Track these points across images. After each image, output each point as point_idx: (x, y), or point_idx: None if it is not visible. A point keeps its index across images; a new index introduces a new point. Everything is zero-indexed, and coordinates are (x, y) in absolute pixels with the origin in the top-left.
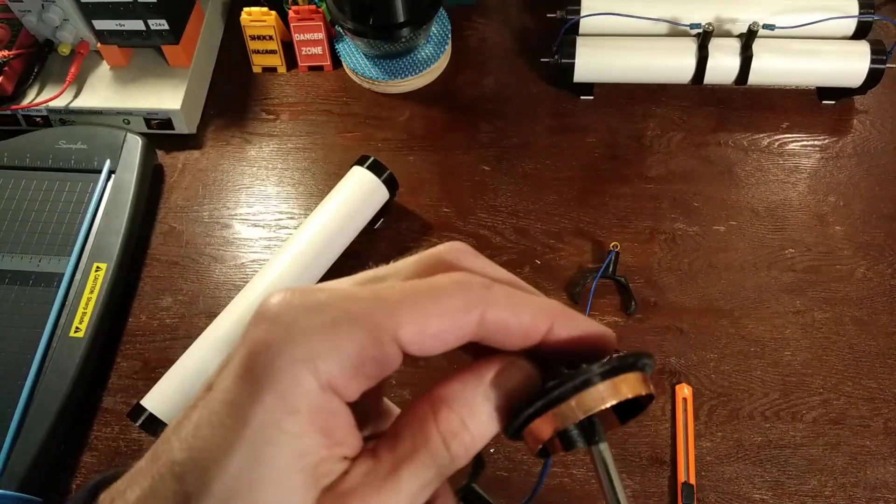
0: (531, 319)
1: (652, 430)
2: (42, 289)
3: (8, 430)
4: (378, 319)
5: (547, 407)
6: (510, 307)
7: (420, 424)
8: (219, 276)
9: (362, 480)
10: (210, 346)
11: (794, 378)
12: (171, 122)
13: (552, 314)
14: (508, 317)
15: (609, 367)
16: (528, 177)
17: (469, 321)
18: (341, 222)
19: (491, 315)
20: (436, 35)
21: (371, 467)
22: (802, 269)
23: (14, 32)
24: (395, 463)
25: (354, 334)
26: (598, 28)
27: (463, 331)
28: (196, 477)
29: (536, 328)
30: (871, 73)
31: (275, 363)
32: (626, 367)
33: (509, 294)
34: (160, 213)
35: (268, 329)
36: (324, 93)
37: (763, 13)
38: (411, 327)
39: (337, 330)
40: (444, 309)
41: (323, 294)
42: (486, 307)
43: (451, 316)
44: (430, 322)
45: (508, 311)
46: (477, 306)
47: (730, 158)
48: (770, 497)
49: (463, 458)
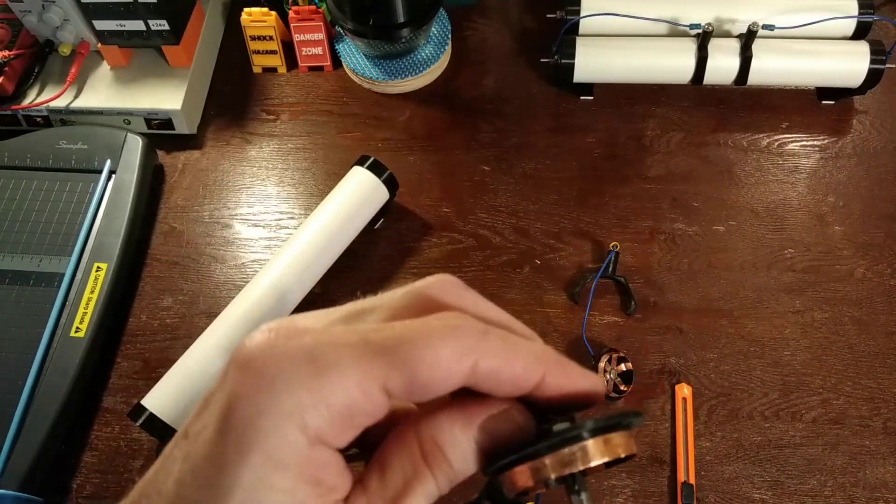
0: (523, 370)
1: (652, 430)
2: (43, 289)
3: (8, 429)
4: (366, 368)
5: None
6: (504, 357)
7: (410, 460)
8: (219, 276)
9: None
10: (210, 346)
11: (793, 378)
12: (172, 123)
13: (545, 365)
14: (502, 366)
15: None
16: (528, 177)
17: (461, 370)
18: (341, 222)
19: (484, 364)
20: (436, 35)
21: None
22: (802, 269)
23: (14, 33)
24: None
25: (343, 385)
26: (598, 28)
27: (453, 380)
28: None
29: (528, 379)
30: (870, 73)
31: (259, 420)
32: (613, 426)
33: (504, 342)
34: (161, 213)
35: (250, 380)
36: (324, 93)
37: (763, 13)
38: (400, 377)
39: (324, 381)
40: (436, 358)
41: (308, 338)
42: (480, 356)
43: (444, 365)
44: (421, 372)
45: (502, 361)
46: (470, 355)
47: (729, 158)
48: (770, 497)
49: (447, 489)
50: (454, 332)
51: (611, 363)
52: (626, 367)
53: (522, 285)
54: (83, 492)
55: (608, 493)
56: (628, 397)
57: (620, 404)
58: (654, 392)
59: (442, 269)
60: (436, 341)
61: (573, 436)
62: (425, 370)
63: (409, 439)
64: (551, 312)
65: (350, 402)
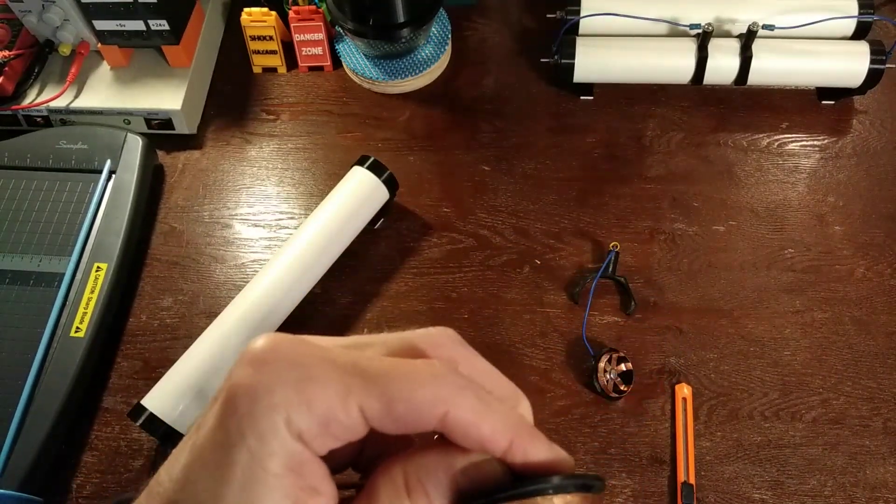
0: (490, 433)
1: (652, 430)
2: (43, 289)
3: (8, 429)
4: (349, 387)
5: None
6: (475, 415)
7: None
8: (219, 276)
9: None
10: (210, 345)
11: (793, 378)
12: (172, 123)
13: (514, 432)
14: (470, 423)
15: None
16: (528, 177)
17: (433, 415)
18: (341, 222)
19: (454, 416)
20: (436, 35)
21: None
22: (802, 269)
23: (14, 33)
24: None
25: (326, 394)
26: (598, 28)
27: (424, 421)
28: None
29: (496, 441)
30: (870, 73)
31: (254, 408)
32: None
33: (478, 401)
34: (161, 213)
35: (251, 374)
36: (324, 93)
37: (763, 13)
38: (378, 405)
39: (312, 387)
40: (412, 396)
41: (307, 349)
42: (453, 407)
43: (417, 405)
44: (397, 406)
45: (472, 418)
46: (444, 404)
47: (729, 158)
48: (770, 497)
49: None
50: (434, 379)
51: (611, 363)
52: (626, 367)
53: (522, 285)
54: (83, 492)
55: (608, 494)
56: (628, 397)
57: (620, 404)
58: (654, 392)
59: (442, 269)
60: (415, 383)
61: (536, 489)
62: (400, 406)
63: (396, 473)
64: (551, 312)
65: (329, 410)
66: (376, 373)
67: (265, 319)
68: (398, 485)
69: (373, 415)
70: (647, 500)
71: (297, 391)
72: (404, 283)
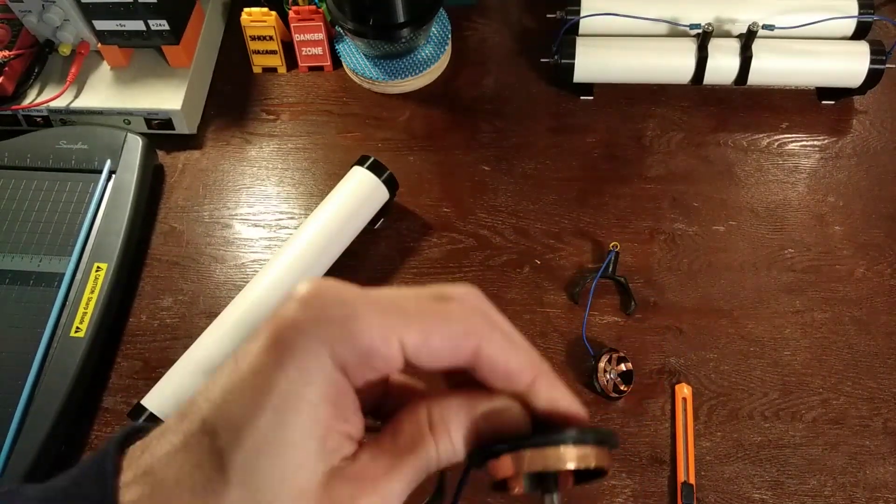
0: (518, 366)
1: (652, 430)
2: (43, 289)
3: (8, 429)
4: (391, 323)
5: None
6: (503, 350)
7: (418, 429)
8: (219, 276)
9: (369, 466)
10: (210, 345)
11: (793, 378)
12: (172, 123)
13: (538, 369)
14: (500, 356)
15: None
16: (528, 177)
17: (466, 348)
18: (341, 222)
19: (486, 350)
20: (436, 35)
21: (375, 456)
22: (802, 269)
23: (14, 32)
24: (396, 456)
25: (370, 329)
26: (598, 28)
27: (459, 355)
28: (228, 433)
29: (521, 375)
30: (870, 73)
31: (298, 341)
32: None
33: (507, 338)
34: (161, 213)
35: (297, 310)
36: (324, 93)
37: (763, 13)
38: (416, 337)
39: (356, 323)
40: (448, 331)
41: (350, 292)
42: (484, 341)
43: (452, 338)
44: (434, 338)
45: (501, 352)
46: (476, 338)
47: (729, 158)
48: (770, 497)
49: (444, 463)
50: (467, 317)
51: (611, 363)
52: (626, 367)
53: (522, 285)
54: None
55: (608, 494)
56: (628, 397)
57: (620, 404)
58: (654, 392)
59: (442, 269)
60: (452, 319)
61: (556, 439)
62: (436, 339)
63: (420, 411)
64: (551, 312)
65: (371, 343)
66: (415, 311)
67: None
68: (422, 421)
69: (411, 347)
70: (647, 500)
71: (342, 326)
72: (404, 283)
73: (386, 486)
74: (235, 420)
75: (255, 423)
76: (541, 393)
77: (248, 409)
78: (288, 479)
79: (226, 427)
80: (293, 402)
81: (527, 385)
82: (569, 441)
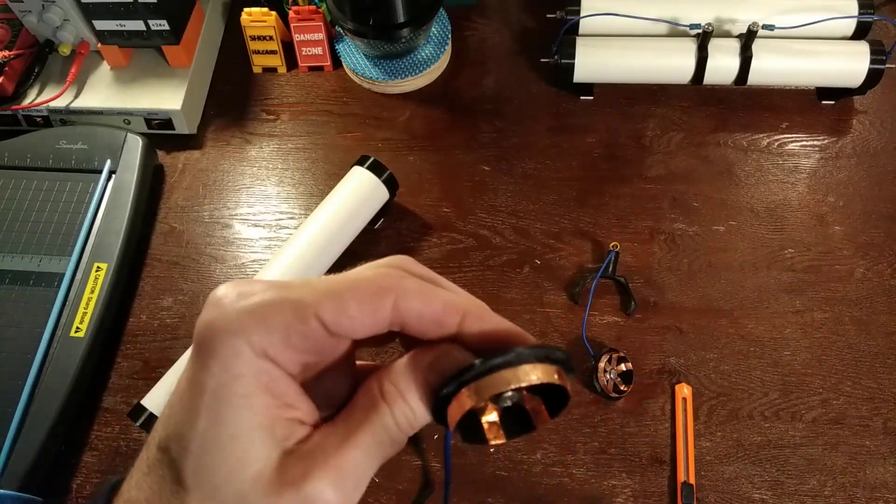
0: (442, 309)
1: (652, 430)
2: (43, 289)
3: (8, 429)
4: (302, 300)
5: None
6: (421, 297)
7: (369, 397)
8: (219, 276)
9: (321, 442)
10: None
11: (793, 378)
12: (172, 123)
13: (463, 307)
14: (420, 306)
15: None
16: (528, 177)
17: (383, 306)
18: (341, 222)
19: (403, 303)
20: (436, 35)
21: (328, 433)
22: (802, 269)
23: (14, 33)
24: (351, 428)
25: (281, 312)
26: (598, 28)
27: (378, 315)
28: (176, 444)
29: (448, 317)
30: (870, 73)
31: (216, 340)
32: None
33: (422, 286)
34: (161, 213)
35: (210, 312)
36: (324, 93)
37: (763, 13)
38: (331, 306)
39: (266, 309)
40: (360, 294)
41: (259, 284)
42: (399, 295)
43: (367, 300)
44: (348, 304)
45: (420, 301)
46: (390, 293)
47: (729, 158)
48: (770, 497)
49: (407, 428)
50: (377, 275)
51: (611, 363)
52: (626, 367)
53: (522, 285)
54: (83, 492)
55: (608, 494)
56: (628, 397)
57: (620, 404)
58: (654, 392)
59: (442, 269)
60: (362, 281)
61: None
62: (352, 305)
63: (370, 385)
64: (551, 312)
65: (286, 325)
66: (327, 285)
67: None
68: (373, 391)
69: (329, 318)
70: (647, 500)
71: (252, 315)
72: None
73: (340, 458)
74: (180, 430)
75: (195, 428)
76: (473, 327)
77: (187, 416)
78: (237, 471)
79: (174, 439)
80: (224, 397)
81: (456, 326)
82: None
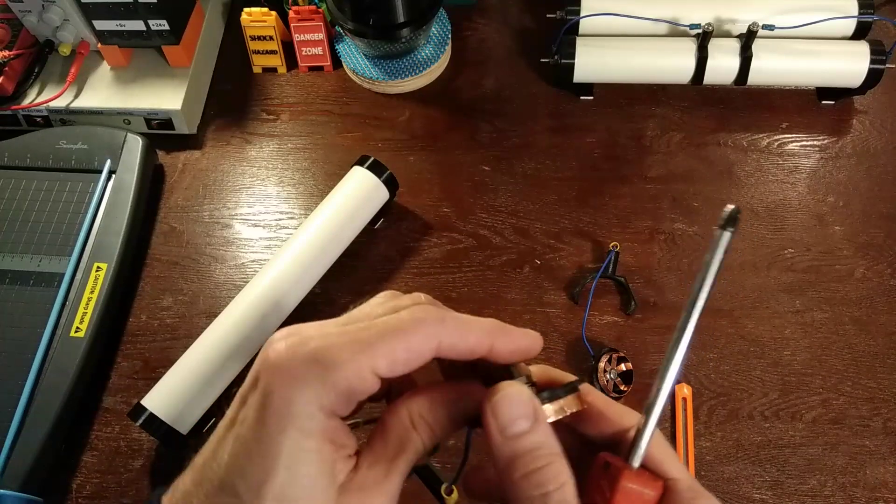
0: (476, 341)
1: None
2: (43, 289)
3: (9, 429)
4: (359, 361)
5: None
6: (459, 334)
7: (402, 427)
8: (219, 276)
9: (368, 475)
10: (210, 345)
11: (793, 378)
12: (172, 123)
13: (493, 335)
14: (459, 341)
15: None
16: (528, 177)
17: (429, 349)
18: (341, 222)
19: (446, 341)
20: (436, 35)
21: (372, 463)
22: (802, 269)
23: (14, 33)
24: (390, 459)
25: (345, 375)
26: (598, 28)
27: (425, 356)
28: (250, 492)
29: (481, 346)
30: (870, 73)
31: (291, 407)
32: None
33: (458, 323)
34: (160, 213)
35: (278, 379)
36: (324, 93)
37: (763, 13)
38: (384, 361)
39: (332, 374)
40: (408, 344)
41: (313, 343)
42: (443, 337)
43: (415, 348)
44: (399, 355)
45: (458, 338)
46: (434, 338)
47: (729, 158)
48: (770, 497)
49: (430, 447)
50: (419, 324)
51: (611, 363)
52: (626, 367)
53: (522, 285)
54: (83, 492)
55: None
56: (628, 397)
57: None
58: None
59: (442, 269)
60: (408, 333)
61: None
62: (402, 353)
63: (401, 413)
64: (551, 312)
65: (349, 385)
66: (375, 338)
67: (265, 319)
68: (404, 422)
69: (383, 370)
70: None
71: (321, 383)
72: (404, 284)
73: (388, 486)
74: (254, 480)
75: (272, 481)
76: (500, 349)
77: (264, 469)
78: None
79: (246, 487)
80: (300, 457)
81: (489, 349)
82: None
